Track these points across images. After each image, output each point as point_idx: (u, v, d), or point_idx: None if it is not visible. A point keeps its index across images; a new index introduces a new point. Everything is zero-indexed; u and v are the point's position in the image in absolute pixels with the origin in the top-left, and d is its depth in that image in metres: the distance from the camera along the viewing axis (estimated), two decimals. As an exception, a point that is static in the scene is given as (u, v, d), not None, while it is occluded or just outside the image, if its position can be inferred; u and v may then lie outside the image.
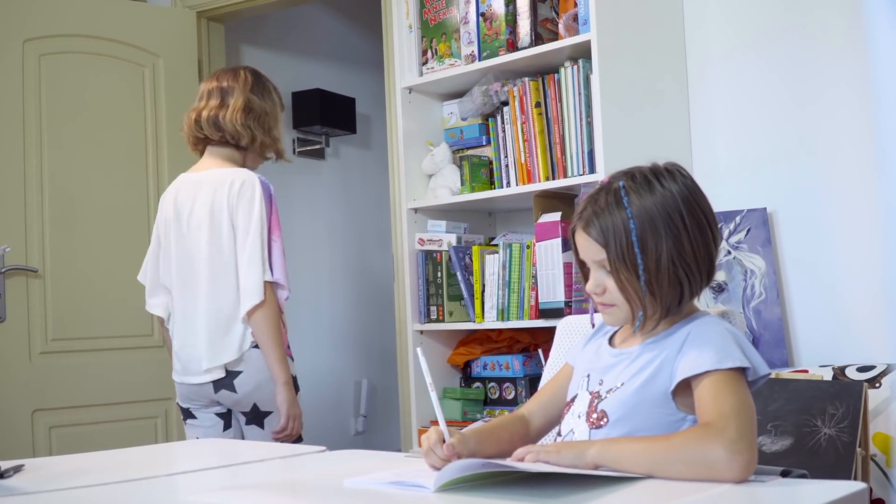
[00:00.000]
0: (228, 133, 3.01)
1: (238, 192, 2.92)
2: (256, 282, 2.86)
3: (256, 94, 3.06)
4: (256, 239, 2.88)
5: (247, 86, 3.06)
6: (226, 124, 3.00)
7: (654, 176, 1.67)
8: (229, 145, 3.05)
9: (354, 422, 5.39)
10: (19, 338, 3.77)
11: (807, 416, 2.37)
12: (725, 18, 3.31)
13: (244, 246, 2.89)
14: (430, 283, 3.60)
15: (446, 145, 3.68)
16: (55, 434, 3.81)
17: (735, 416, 1.48)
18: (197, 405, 3.00)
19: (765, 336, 3.03)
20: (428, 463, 1.61)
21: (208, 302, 2.93)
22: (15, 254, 3.76)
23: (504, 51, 3.41)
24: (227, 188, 2.93)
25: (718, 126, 3.31)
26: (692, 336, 1.61)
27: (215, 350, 2.90)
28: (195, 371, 2.94)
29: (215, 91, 3.05)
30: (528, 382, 3.48)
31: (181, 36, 4.29)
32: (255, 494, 1.56)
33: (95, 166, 4.00)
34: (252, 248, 2.87)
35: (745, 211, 3.12)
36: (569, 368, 1.85)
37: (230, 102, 3.02)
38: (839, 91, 3.05)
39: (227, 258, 2.91)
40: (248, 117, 3.02)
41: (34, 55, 3.89)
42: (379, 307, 5.29)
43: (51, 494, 1.65)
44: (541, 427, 1.84)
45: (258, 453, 2.18)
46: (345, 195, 5.41)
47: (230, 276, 2.91)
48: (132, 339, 4.03)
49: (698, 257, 1.64)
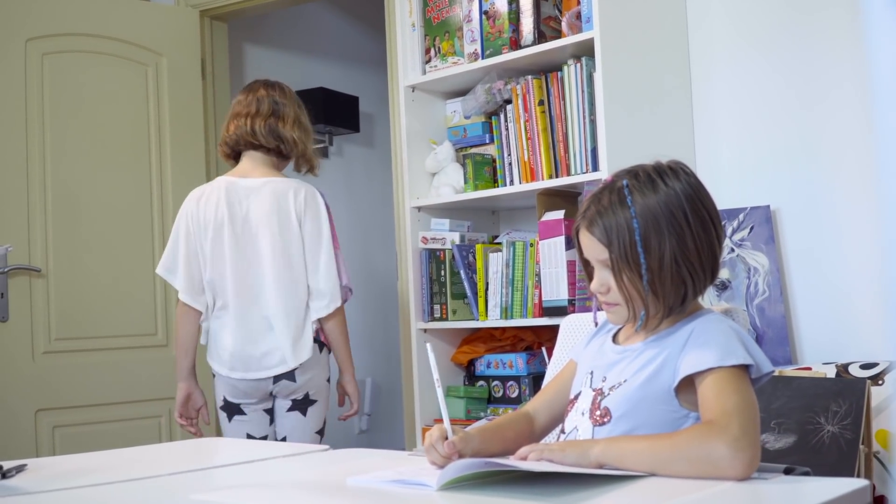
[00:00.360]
0: (286, 143, 3.19)
1: (304, 202, 3.13)
2: (336, 287, 3.13)
3: (301, 110, 3.29)
4: (329, 247, 3.14)
5: (294, 101, 3.27)
6: (285, 135, 3.18)
7: (657, 174, 1.66)
8: (272, 154, 3.21)
9: (358, 420, 5.39)
10: (22, 337, 3.77)
11: (810, 414, 2.37)
12: (728, 16, 3.30)
13: (318, 253, 3.13)
14: (434, 282, 3.60)
15: (449, 143, 3.68)
16: (58, 434, 3.81)
17: (738, 413, 1.48)
18: (250, 400, 3.13)
19: (768, 333, 3.03)
20: (429, 460, 1.61)
21: (286, 304, 3.10)
22: (18, 253, 3.76)
23: (507, 49, 3.41)
24: (291, 198, 3.13)
25: (721, 124, 3.31)
26: (695, 333, 1.61)
27: (297, 349, 3.09)
28: (261, 367, 3.09)
29: (267, 102, 3.20)
30: (531, 381, 3.48)
31: (184, 34, 4.29)
32: (258, 493, 1.56)
33: (98, 165, 4.00)
34: (327, 256, 3.12)
35: (748, 208, 3.12)
36: (573, 365, 1.85)
37: (284, 115, 3.20)
38: (842, 89, 3.04)
39: (297, 264, 3.11)
40: (300, 130, 3.23)
41: (37, 54, 3.89)
42: (383, 306, 5.29)
43: (53, 494, 1.65)
44: (545, 424, 1.84)
45: (262, 452, 2.18)
46: (348, 193, 5.41)
47: (301, 280, 3.11)
48: (136, 338, 4.03)
49: (702, 256, 1.63)
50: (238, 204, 3.12)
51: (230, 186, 3.15)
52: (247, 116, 3.18)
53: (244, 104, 3.21)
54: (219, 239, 3.10)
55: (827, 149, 3.08)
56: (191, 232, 3.12)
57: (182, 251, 3.13)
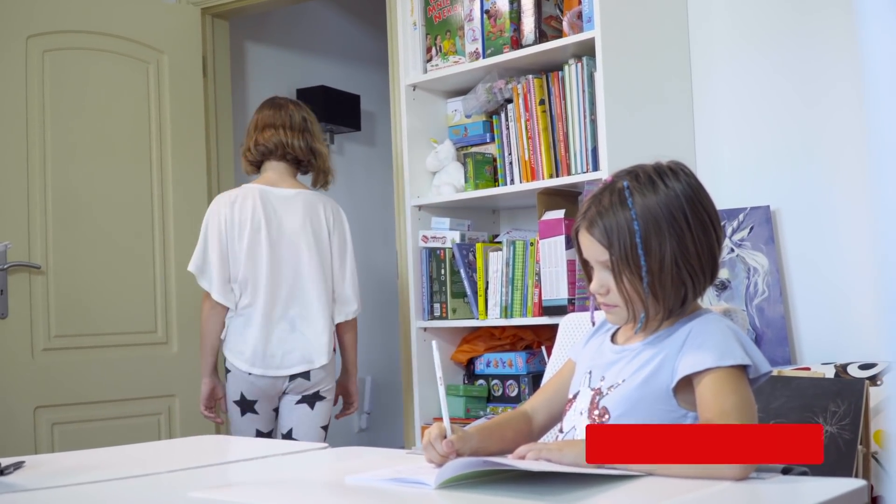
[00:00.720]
0: (318, 158, 3.38)
1: (332, 214, 3.37)
2: (357, 294, 3.39)
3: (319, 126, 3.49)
4: (353, 258, 3.40)
5: (316, 120, 3.46)
6: (317, 150, 3.38)
7: (657, 175, 1.66)
8: (295, 165, 3.38)
9: (358, 419, 5.39)
10: (22, 334, 3.77)
11: (809, 414, 2.37)
12: (730, 16, 3.30)
13: (344, 263, 3.38)
14: (434, 281, 3.60)
15: (450, 142, 3.68)
16: (57, 431, 3.81)
17: (736, 413, 1.48)
18: (266, 398, 3.25)
19: (767, 334, 3.03)
20: (427, 458, 1.61)
21: (318, 307, 3.29)
22: (18, 250, 3.76)
23: (508, 48, 3.41)
24: (321, 209, 3.35)
25: (722, 124, 3.31)
26: (693, 334, 1.61)
27: (324, 350, 3.28)
28: (281, 365, 3.23)
29: (298, 117, 3.37)
30: (531, 379, 3.48)
31: (185, 32, 4.29)
32: (257, 491, 1.56)
33: (99, 163, 4.00)
34: (352, 266, 3.39)
35: (748, 209, 3.12)
36: (571, 364, 1.85)
37: (314, 131, 3.40)
38: (843, 89, 3.04)
39: (327, 271, 3.33)
40: (324, 147, 3.43)
41: (38, 51, 3.88)
42: (383, 304, 5.29)
43: (51, 491, 1.65)
44: (544, 423, 1.84)
45: (261, 449, 2.18)
46: (349, 192, 5.40)
47: (329, 287, 3.33)
48: (135, 335, 4.03)
49: (702, 257, 1.63)
50: (273, 210, 3.28)
51: (263, 193, 3.29)
52: (282, 128, 3.33)
53: (276, 117, 3.36)
54: (256, 239, 3.25)
55: (827, 149, 3.08)
56: (223, 231, 3.24)
57: (215, 250, 3.24)
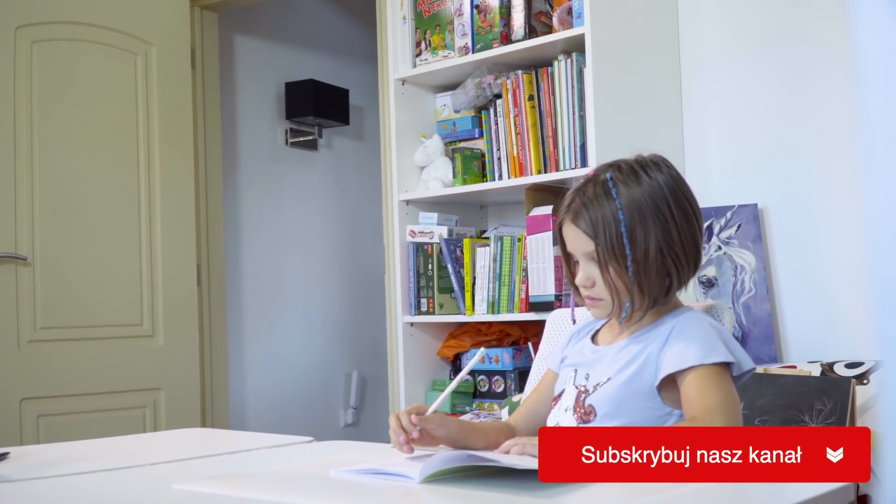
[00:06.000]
0: None
1: None
2: None
3: None
4: None
5: None
6: None
7: (640, 167, 1.67)
8: None
9: (344, 413, 5.39)
10: (7, 326, 3.75)
11: (794, 412, 2.38)
12: (719, 13, 3.31)
13: None
14: (421, 276, 3.60)
15: (439, 137, 3.68)
16: (43, 423, 3.80)
17: (721, 410, 1.48)
18: None
19: (754, 331, 3.04)
20: (391, 426, 1.62)
21: None
22: (4, 241, 3.75)
23: (498, 43, 3.40)
24: None
25: (711, 121, 3.31)
26: (675, 331, 1.61)
27: None
28: None
29: None
30: (517, 375, 3.48)
31: (174, 24, 4.28)
32: (241, 483, 1.56)
33: (86, 154, 3.98)
34: None
35: (735, 206, 3.12)
36: (551, 375, 1.85)
37: None
38: (832, 89, 3.05)
39: None
40: None
41: (26, 42, 3.87)
42: (370, 299, 5.29)
43: (36, 482, 1.65)
44: (526, 435, 1.84)
45: (246, 443, 2.17)
46: (337, 186, 5.40)
47: None
48: (122, 328, 4.02)
49: (686, 247, 1.64)
50: None
51: None
52: None
53: None
54: None
55: (815, 148, 3.09)
56: None
57: None
